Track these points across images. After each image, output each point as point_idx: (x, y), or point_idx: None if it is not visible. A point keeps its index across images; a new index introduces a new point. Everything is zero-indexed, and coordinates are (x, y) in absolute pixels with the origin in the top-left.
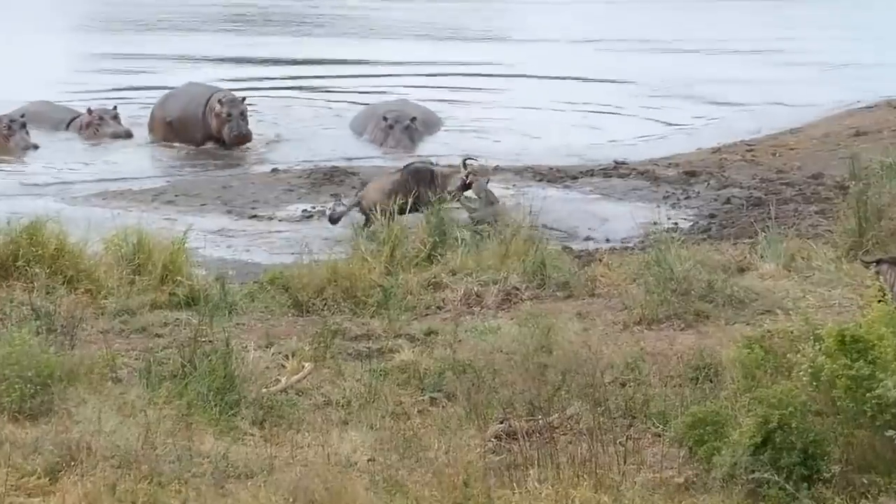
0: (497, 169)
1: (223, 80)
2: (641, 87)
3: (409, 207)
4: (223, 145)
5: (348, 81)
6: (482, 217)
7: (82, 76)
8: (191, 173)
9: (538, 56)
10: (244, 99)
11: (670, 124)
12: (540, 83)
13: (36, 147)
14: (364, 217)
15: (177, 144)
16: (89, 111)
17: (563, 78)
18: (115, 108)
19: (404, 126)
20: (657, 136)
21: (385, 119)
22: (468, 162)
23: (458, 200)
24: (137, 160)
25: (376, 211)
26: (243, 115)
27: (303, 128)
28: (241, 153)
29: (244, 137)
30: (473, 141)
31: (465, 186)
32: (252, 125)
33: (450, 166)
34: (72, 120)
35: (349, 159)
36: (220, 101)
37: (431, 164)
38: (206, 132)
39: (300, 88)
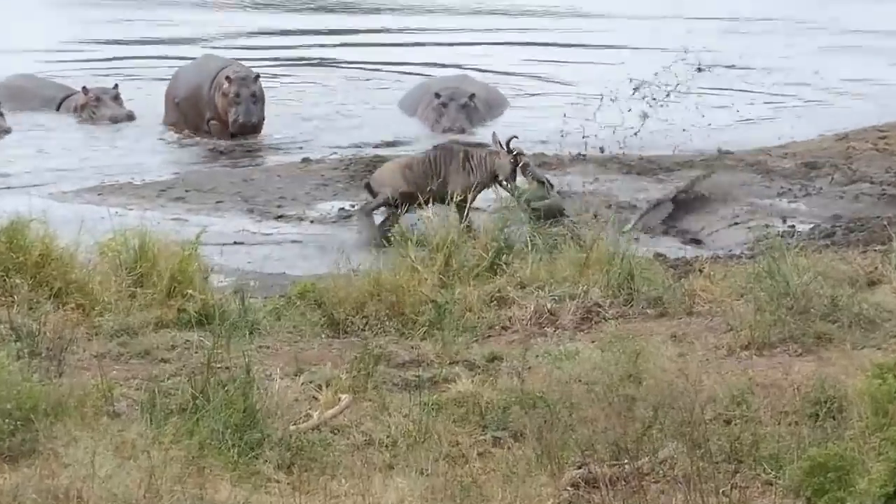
0: (580, 157)
1: (247, 50)
2: (738, 68)
3: (430, 196)
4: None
5: (396, 52)
6: (550, 207)
7: (76, 46)
8: (205, 164)
9: (617, 30)
10: (258, 76)
11: (778, 105)
12: (621, 60)
13: (7, 131)
14: (374, 206)
15: (187, 131)
16: (85, 90)
17: (645, 49)
18: (115, 86)
19: (460, 104)
20: (764, 118)
21: (438, 96)
22: (513, 143)
23: (509, 191)
24: (141, 148)
25: (388, 197)
26: (255, 97)
27: (341, 108)
28: (264, 141)
29: (250, 127)
30: (544, 124)
31: (516, 170)
32: (275, 107)
33: (480, 146)
34: (64, 99)
35: (396, 145)
36: (228, 77)
37: (462, 143)
38: (213, 116)
39: (336, 62)
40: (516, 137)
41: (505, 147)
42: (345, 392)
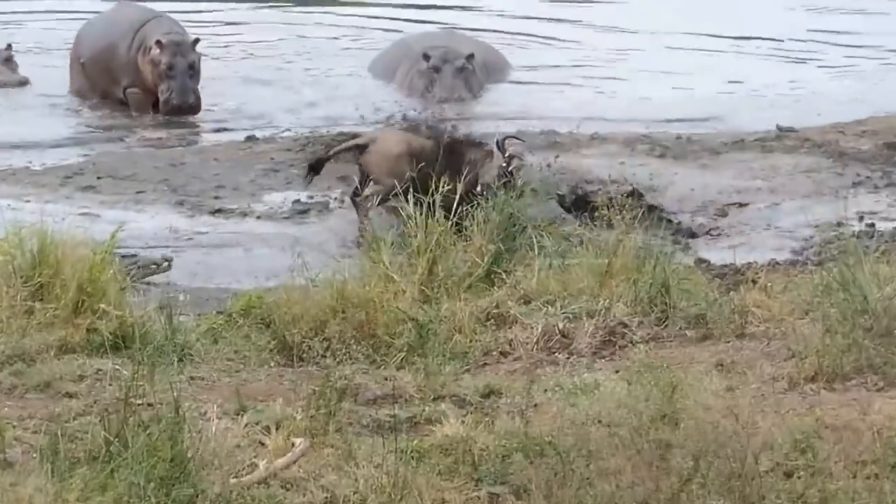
0: (597, 137)
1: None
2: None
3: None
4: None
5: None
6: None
7: None
8: (122, 144)
9: None
10: (197, 41)
11: (851, 72)
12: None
13: (24, 83)
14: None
15: (96, 101)
16: None
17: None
18: (8, 46)
19: (457, 67)
20: (833, 89)
21: (427, 58)
22: (508, 142)
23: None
24: (41, 123)
25: (391, 187)
26: (193, 68)
27: (296, 73)
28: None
29: (186, 109)
30: (557, 95)
31: (506, 175)
32: (213, 67)
33: (479, 145)
34: None
35: (368, 121)
36: (158, 41)
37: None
38: (132, 82)
39: (289, 8)
40: (517, 139)
41: (498, 147)
42: (300, 436)
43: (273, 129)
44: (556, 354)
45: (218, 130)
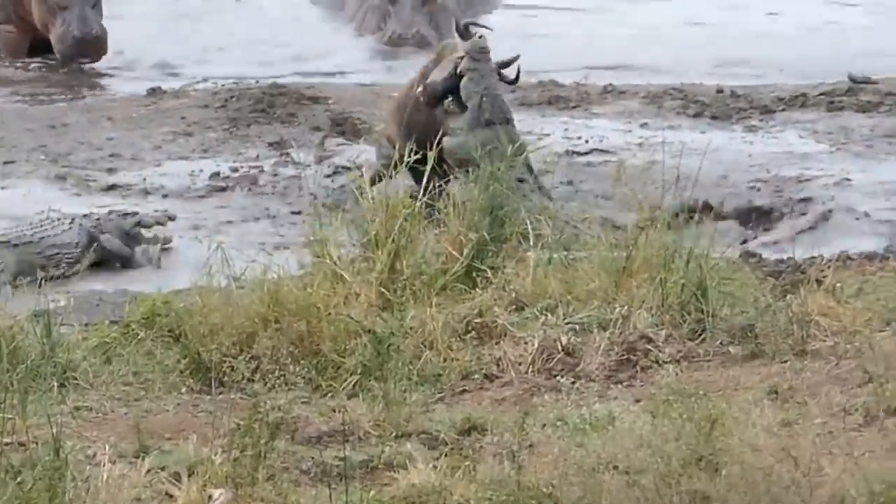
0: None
1: None
2: None
3: None
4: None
5: None
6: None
7: None
8: None
9: None
10: None
11: None
12: None
13: None
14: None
15: None
16: None
17: None
18: None
19: None
20: None
21: None
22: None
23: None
24: None
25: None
26: None
27: (215, 3)
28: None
29: (90, 42)
30: (563, 42)
31: (455, 79)
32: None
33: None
34: None
35: (305, 71)
36: None
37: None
38: (6, 18)
39: None
40: (485, 28)
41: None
42: (219, 485)
43: (185, 80)
44: (559, 378)
45: (113, 80)
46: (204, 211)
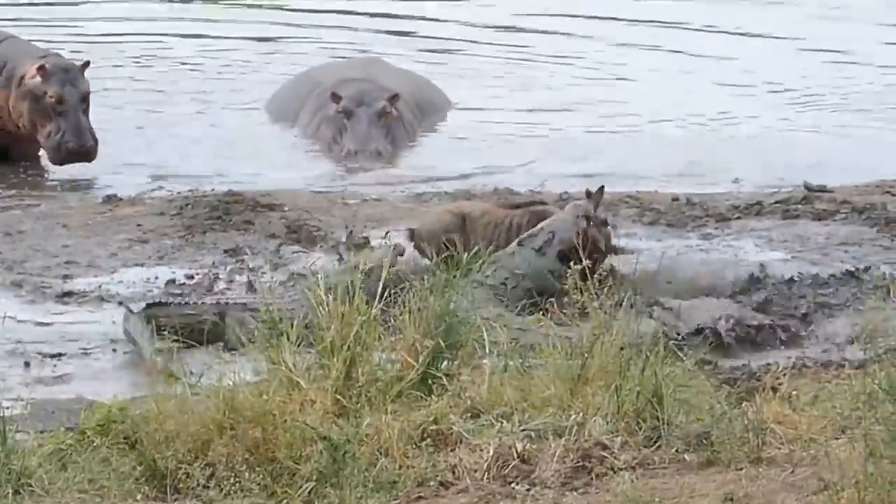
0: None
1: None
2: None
3: None
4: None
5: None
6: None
7: None
8: None
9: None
10: (87, 65)
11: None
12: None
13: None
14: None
15: None
16: None
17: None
18: None
19: (375, 111)
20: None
21: (337, 99)
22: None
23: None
24: None
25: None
26: (86, 101)
27: (176, 106)
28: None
29: (84, 154)
30: (511, 147)
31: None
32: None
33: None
34: None
35: (259, 180)
36: (42, 67)
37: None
38: None
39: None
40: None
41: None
42: None
43: (140, 187)
44: (514, 485)
45: (69, 187)
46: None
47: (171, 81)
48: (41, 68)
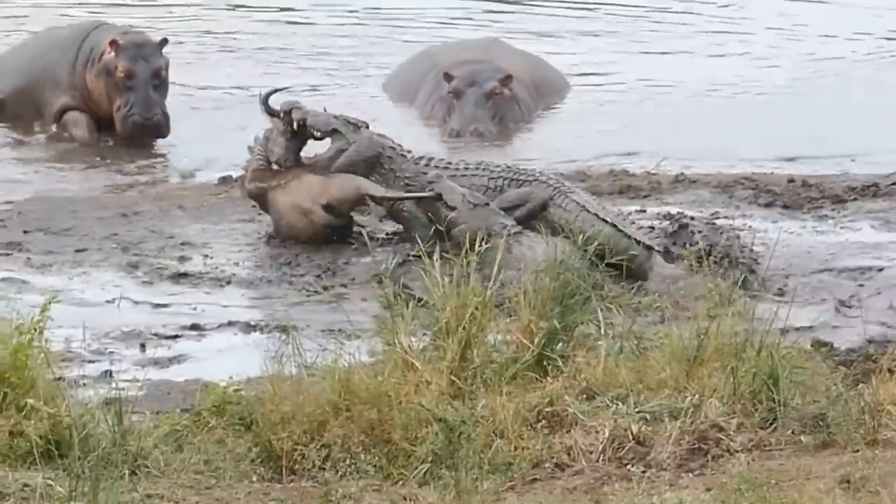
0: (681, 178)
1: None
2: None
3: None
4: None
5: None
6: None
7: None
8: (56, 185)
9: None
10: (165, 42)
11: None
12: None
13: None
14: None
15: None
16: None
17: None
18: None
19: (484, 93)
20: None
21: (449, 79)
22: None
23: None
24: None
25: None
26: (158, 77)
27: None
28: (158, 147)
29: (150, 128)
30: (629, 130)
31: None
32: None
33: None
34: None
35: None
36: (114, 42)
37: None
38: (76, 101)
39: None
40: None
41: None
42: None
43: None
44: (629, 467)
45: (182, 167)
46: (278, 298)
47: (292, 60)
48: (113, 43)
